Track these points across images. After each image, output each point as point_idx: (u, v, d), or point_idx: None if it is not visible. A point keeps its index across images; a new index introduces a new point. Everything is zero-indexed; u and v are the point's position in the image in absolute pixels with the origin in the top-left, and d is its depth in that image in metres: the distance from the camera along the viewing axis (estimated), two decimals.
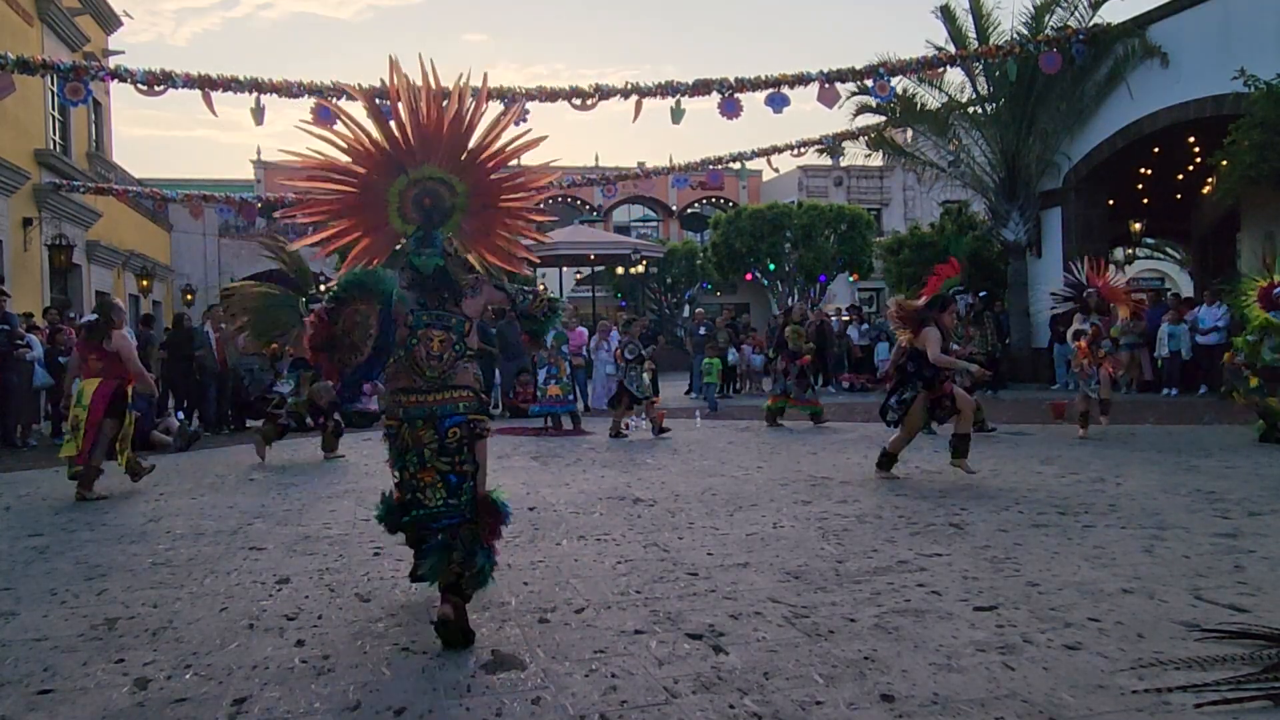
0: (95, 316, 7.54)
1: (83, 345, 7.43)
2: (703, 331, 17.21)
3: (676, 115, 14.34)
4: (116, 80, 12.93)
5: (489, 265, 3.93)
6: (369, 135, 3.67)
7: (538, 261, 4.98)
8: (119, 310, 7.46)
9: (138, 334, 10.45)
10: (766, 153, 18.05)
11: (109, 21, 21.39)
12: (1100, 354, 9.44)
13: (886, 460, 7.15)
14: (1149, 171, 18.28)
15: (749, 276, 27.12)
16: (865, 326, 18.63)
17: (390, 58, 3.62)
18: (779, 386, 11.52)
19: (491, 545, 3.65)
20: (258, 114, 13.25)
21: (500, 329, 11.13)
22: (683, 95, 14.05)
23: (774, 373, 11.68)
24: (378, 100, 4.07)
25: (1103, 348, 9.47)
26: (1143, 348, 14.73)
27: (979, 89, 17.60)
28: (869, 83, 15.50)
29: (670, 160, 21.01)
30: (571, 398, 11.42)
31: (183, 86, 12.84)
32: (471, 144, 3.75)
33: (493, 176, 3.86)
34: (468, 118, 3.70)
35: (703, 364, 13.23)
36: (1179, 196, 19.96)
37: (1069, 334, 9.93)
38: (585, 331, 15.66)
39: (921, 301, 7.21)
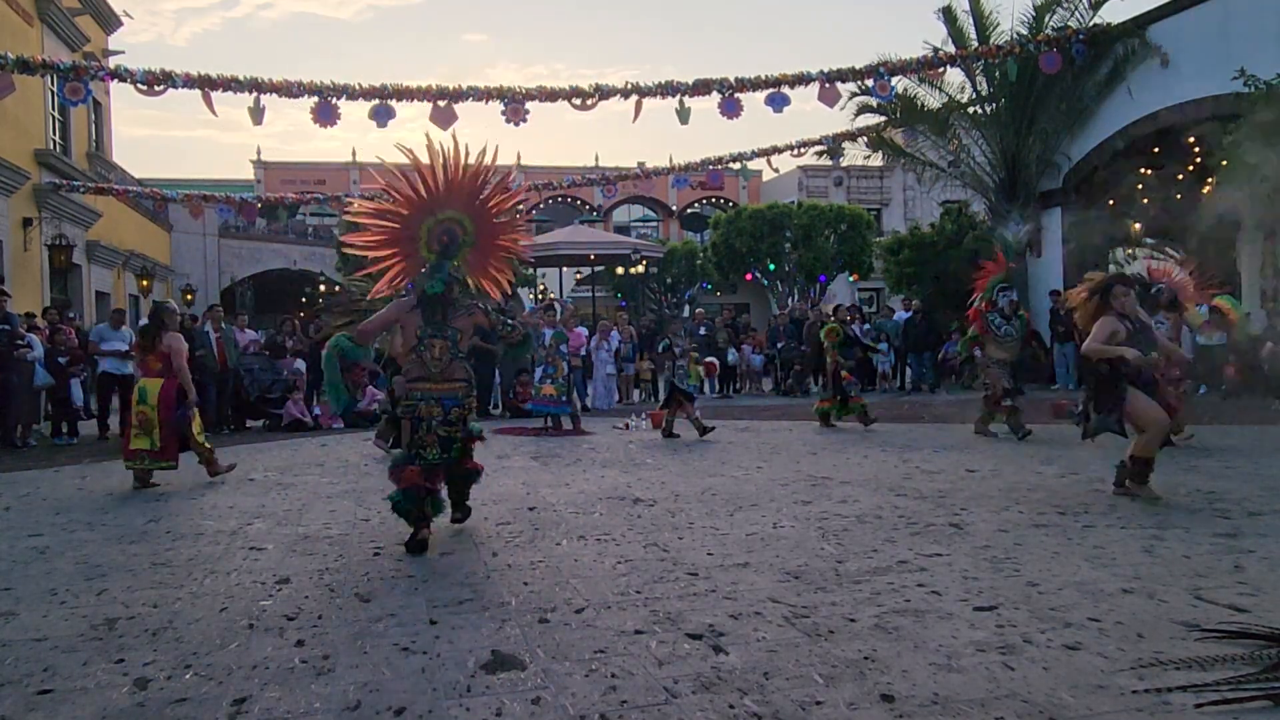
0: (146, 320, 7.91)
1: (139, 348, 7.82)
2: (703, 332, 17.18)
3: (683, 116, 14.32)
4: (116, 80, 12.92)
5: (482, 289, 5.46)
6: (415, 188, 5.09)
7: (527, 264, 6.79)
8: (170, 312, 7.72)
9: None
10: (766, 153, 18.05)
11: (109, 21, 21.39)
12: None
13: (1140, 471, 5.89)
14: (1149, 171, 18.27)
15: (749, 276, 27.13)
16: (865, 326, 18.59)
17: (430, 146, 5.13)
18: (831, 389, 11.22)
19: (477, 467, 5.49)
20: (256, 114, 13.24)
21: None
22: (683, 95, 14.02)
23: (823, 375, 11.51)
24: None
25: None
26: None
27: (979, 89, 17.59)
28: (869, 83, 15.48)
29: (670, 160, 21.03)
30: (565, 399, 11.34)
31: (183, 86, 12.83)
32: (484, 194, 5.21)
33: (494, 220, 5.35)
34: (483, 174, 5.16)
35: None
36: (1179, 196, 19.95)
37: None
38: (585, 332, 15.65)
39: (1086, 294, 6.18)
